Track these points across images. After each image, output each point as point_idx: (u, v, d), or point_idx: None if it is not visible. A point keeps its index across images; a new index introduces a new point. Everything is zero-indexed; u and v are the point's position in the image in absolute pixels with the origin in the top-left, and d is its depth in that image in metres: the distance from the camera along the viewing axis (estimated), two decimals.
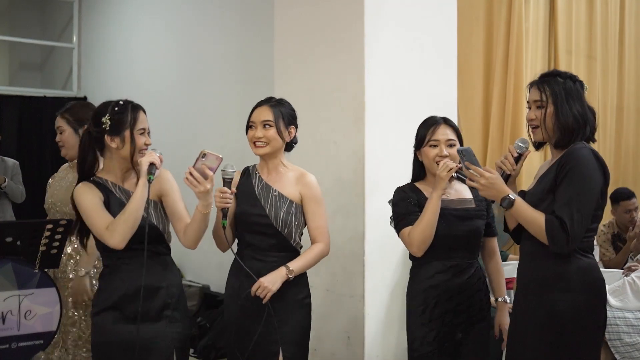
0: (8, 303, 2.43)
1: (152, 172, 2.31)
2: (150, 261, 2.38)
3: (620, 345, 3.29)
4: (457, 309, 2.58)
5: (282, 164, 2.67)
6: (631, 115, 5.65)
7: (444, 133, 2.62)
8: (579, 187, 2.20)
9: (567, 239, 2.18)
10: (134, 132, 2.42)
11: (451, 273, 2.59)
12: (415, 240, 2.55)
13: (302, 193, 2.63)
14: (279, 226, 2.56)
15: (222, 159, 2.30)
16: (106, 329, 2.39)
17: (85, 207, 2.38)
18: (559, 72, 2.41)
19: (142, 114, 2.48)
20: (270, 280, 2.49)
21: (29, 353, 2.47)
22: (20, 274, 2.47)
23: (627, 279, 3.49)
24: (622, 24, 5.58)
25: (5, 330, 2.42)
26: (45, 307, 2.49)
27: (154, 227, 2.42)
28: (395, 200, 2.69)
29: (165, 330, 2.42)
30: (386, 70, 3.51)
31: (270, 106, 2.64)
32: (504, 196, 2.27)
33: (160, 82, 6.03)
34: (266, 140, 2.59)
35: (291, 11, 3.85)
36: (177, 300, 2.47)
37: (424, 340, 2.57)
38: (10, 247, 2.47)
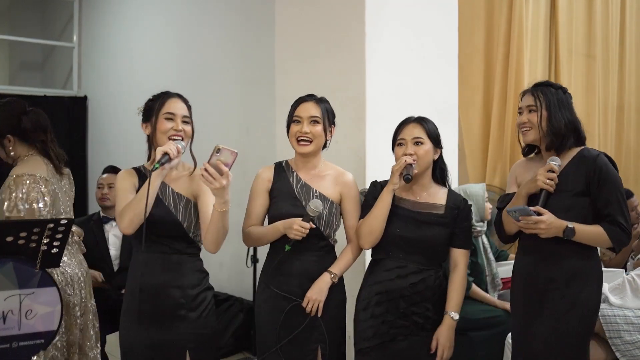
0: (9, 302, 2.42)
1: (161, 160, 2.28)
2: (166, 257, 2.41)
3: (620, 344, 3.29)
4: (398, 313, 2.55)
5: (320, 163, 2.67)
6: (632, 114, 5.65)
7: (410, 132, 2.60)
8: (619, 190, 2.44)
9: (628, 237, 2.44)
10: (159, 116, 2.42)
11: (396, 274, 2.57)
12: (361, 232, 2.57)
13: (342, 193, 2.65)
14: (322, 226, 2.58)
15: (237, 153, 2.24)
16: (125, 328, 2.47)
17: (117, 190, 2.46)
18: (551, 83, 2.59)
19: (175, 100, 2.49)
20: (317, 292, 2.54)
21: (29, 352, 2.47)
22: (21, 274, 2.46)
23: (627, 277, 3.49)
24: (622, 23, 5.58)
25: (5, 329, 2.42)
26: (46, 306, 2.48)
27: (178, 224, 2.42)
28: (366, 192, 2.70)
29: (177, 331, 2.42)
30: (387, 69, 3.51)
31: (316, 102, 2.64)
32: (564, 229, 2.37)
33: (161, 82, 5.97)
34: (312, 137, 2.58)
35: (292, 11, 3.85)
36: (194, 301, 2.46)
37: (363, 335, 2.58)
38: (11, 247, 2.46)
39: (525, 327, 2.51)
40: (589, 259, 2.47)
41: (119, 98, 6.55)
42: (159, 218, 2.39)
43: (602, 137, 5.37)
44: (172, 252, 2.43)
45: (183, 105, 2.50)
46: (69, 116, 7.21)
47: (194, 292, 2.47)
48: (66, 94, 7.34)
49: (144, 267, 2.40)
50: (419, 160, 2.56)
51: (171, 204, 2.44)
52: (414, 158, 2.55)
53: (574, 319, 2.43)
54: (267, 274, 2.64)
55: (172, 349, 2.42)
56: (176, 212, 2.42)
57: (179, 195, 2.45)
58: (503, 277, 3.79)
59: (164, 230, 2.41)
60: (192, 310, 2.45)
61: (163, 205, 2.42)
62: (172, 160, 2.31)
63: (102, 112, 6.92)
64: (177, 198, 2.45)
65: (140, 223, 2.30)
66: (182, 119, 2.47)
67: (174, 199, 2.45)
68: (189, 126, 2.50)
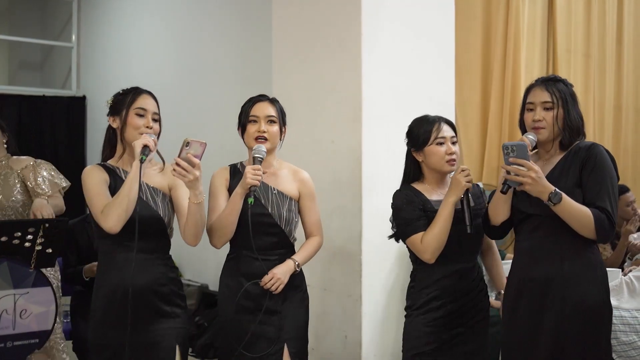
0: (3, 302, 2.43)
1: (145, 153, 2.28)
2: (148, 255, 2.39)
3: (616, 344, 3.29)
4: (461, 310, 2.57)
5: (274, 162, 2.66)
6: (629, 114, 5.64)
7: (448, 130, 2.60)
8: (610, 180, 2.32)
9: (612, 228, 2.28)
10: (129, 111, 2.42)
11: (457, 277, 2.57)
12: (430, 247, 2.50)
13: (300, 190, 2.65)
14: (282, 224, 2.57)
15: (205, 144, 2.28)
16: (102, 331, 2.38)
17: (88, 188, 2.39)
18: (560, 78, 2.49)
19: (146, 96, 2.48)
20: (282, 272, 2.52)
21: (24, 352, 2.48)
22: (15, 273, 2.47)
23: (624, 278, 3.49)
24: (620, 22, 5.58)
25: (0, 329, 2.43)
26: (40, 306, 2.49)
27: (159, 220, 2.41)
28: (398, 205, 2.61)
29: (164, 327, 2.42)
30: (384, 69, 3.51)
31: (270, 102, 2.64)
32: (551, 191, 2.24)
33: (159, 82, 6.01)
34: (269, 136, 2.57)
35: (289, 11, 3.84)
36: (176, 296, 2.47)
37: (424, 340, 2.56)
38: (5, 246, 2.47)
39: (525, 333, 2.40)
40: (590, 258, 2.34)
41: None
42: (141, 215, 2.34)
43: (598, 136, 5.35)
44: (153, 250, 2.42)
45: (153, 102, 2.49)
46: (68, 116, 7.22)
47: (175, 287, 2.48)
48: (65, 93, 7.34)
49: (124, 267, 2.35)
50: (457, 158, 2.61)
51: (150, 199, 2.42)
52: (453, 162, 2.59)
53: (579, 321, 2.30)
54: (226, 275, 2.62)
55: (161, 346, 2.40)
56: (156, 207, 2.41)
57: (155, 190, 2.45)
58: None
59: (146, 227, 2.37)
60: (177, 306, 2.46)
61: (142, 201, 2.38)
62: (151, 152, 2.34)
63: (101, 112, 6.87)
64: (154, 192, 2.44)
65: (127, 220, 2.28)
66: (152, 116, 2.45)
67: (151, 194, 2.43)
68: (158, 124, 2.48)
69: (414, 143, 2.63)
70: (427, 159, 2.60)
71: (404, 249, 3.50)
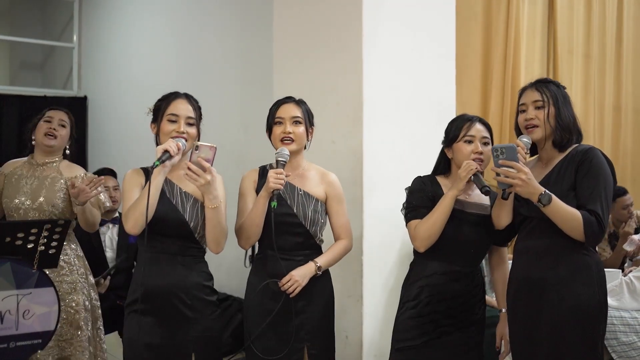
0: (6, 302, 2.43)
1: (162, 158, 2.29)
2: (173, 258, 2.41)
3: (616, 345, 3.30)
4: (447, 312, 2.57)
5: (303, 163, 2.68)
6: (629, 115, 5.65)
7: (479, 130, 2.59)
8: (603, 182, 2.32)
9: (602, 232, 2.29)
10: (163, 118, 2.44)
11: (450, 278, 2.57)
12: (419, 235, 2.54)
13: (327, 192, 2.67)
14: (307, 224, 2.58)
15: (216, 148, 2.29)
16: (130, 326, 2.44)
17: (123, 191, 2.45)
18: (552, 80, 2.53)
19: (180, 101, 2.50)
20: (300, 274, 2.53)
21: (27, 352, 2.48)
22: (18, 274, 2.47)
23: (624, 279, 3.50)
24: (620, 23, 5.59)
25: (3, 329, 2.43)
26: (43, 306, 2.49)
27: (184, 224, 2.42)
28: (411, 189, 2.67)
29: (184, 333, 2.42)
30: (385, 69, 3.51)
31: (296, 104, 2.66)
32: (541, 193, 2.26)
33: (160, 82, 6.03)
34: (295, 137, 2.58)
35: (290, 11, 3.85)
36: (199, 302, 2.46)
37: (408, 334, 2.58)
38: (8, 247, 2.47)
39: (525, 332, 2.44)
40: (586, 258, 2.36)
41: (118, 98, 6.56)
42: (166, 216, 2.39)
43: (598, 137, 5.37)
44: (178, 253, 2.43)
45: (188, 106, 2.51)
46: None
47: (200, 293, 2.47)
48: (66, 94, 7.35)
49: (149, 266, 2.40)
50: (485, 160, 2.57)
51: (179, 203, 2.44)
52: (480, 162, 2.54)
53: (575, 323, 2.32)
54: (253, 275, 2.65)
55: (178, 351, 2.42)
56: (183, 211, 2.42)
57: (187, 195, 2.46)
58: None
59: (171, 230, 2.40)
60: (199, 312, 2.45)
61: (170, 204, 2.42)
62: (172, 157, 2.32)
63: (102, 112, 6.93)
64: (185, 197, 2.45)
65: (144, 223, 2.30)
66: (186, 121, 2.47)
67: (181, 198, 2.45)
68: (194, 128, 2.50)
69: (445, 139, 2.66)
70: (454, 155, 2.62)
71: (405, 249, 3.52)
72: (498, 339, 2.70)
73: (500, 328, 2.69)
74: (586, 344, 2.33)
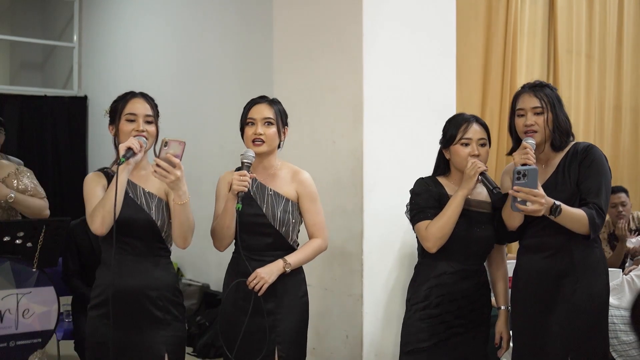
0: (6, 302, 2.44)
1: (126, 155, 2.26)
2: (141, 259, 2.38)
3: (617, 344, 3.29)
4: (458, 312, 2.57)
5: (275, 163, 2.65)
6: (628, 114, 5.65)
7: (475, 131, 2.58)
8: (604, 178, 2.45)
9: (602, 221, 2.42)
10: (121, 118, 2.43)
11: (458, 277, 2.57)
12: (432, 236, 2.53)
13: (298, 191, 2.62)
14: (277, 225, 2.55)
15: (185, 143, 2.25)
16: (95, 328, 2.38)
17: (85, 194, 2.41)
18: (546, 83, 2.59)
19: (136, 100, 2.46)
20: (267, 272, 2.49)
21: (27, 351, 2.48)
22: (18, 273, 2.48)
23: (626, 278, 3.49)
24: (620, 23, 5.58)
25: (3, 328, 2.44)
26: (43, 305, 2.50)
27: (152, 223, 2.40)
28: (416, 190, 2.65)
29: (155, 334, 2.40)
30: (385, 69, 3.51)
31: (269, 104, 2.62)
32: (551, 205, 2.33)
33: (160, 81, 6.04)
34: (266, 139, 2.56)
35: (290, 11, 3.85)
36: (169, 302, 2.44)
37: (418, 336, 2.56)
38: (8, 246, 2.48)
39: (534, 326, 2.49)
40: (594, 250, 2.49)
41: None
42: (132, 218, 2.36)
43: (598, 137, 5.36)
44: (146, 254, 2.41)
45: (145, 104, 2.46)
46: (69, 116, 7.23)
47: (169, 294, 2.45)
48: (66, 93, 7.36)
49: (117, 268, 2.35)
50: (483, 161, 2.58)
51: (144, 203, 2.41)
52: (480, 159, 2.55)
53: (590, 312, 2.44)
54: (227, 276, 2.64)
55: (150, 353, 2.39)
56: (149, 210, 2.40)
57: (151, 194, 2.44)
58: None
59: (138, 230, 2.38)
60: (169, 313, 2.43)
61: (135, 204, 2.39)
62: (136, 154, 2.30)
63: (103, 112, 6.92)
64: (149, 197, 2.43)
65: (112, 221, 2.27)
66: (144, 119, 2.43)
67: (145, 198, 2.43)
68: (153, 126, 2.45)
69: (442, 140, 2.66)
70: (452, 157, 2.62)
71: (405, 249, 3.52)
72: (497, 336, 2.70)
73: (499, 325, 2.70)
74: (596, 336, 2.46)
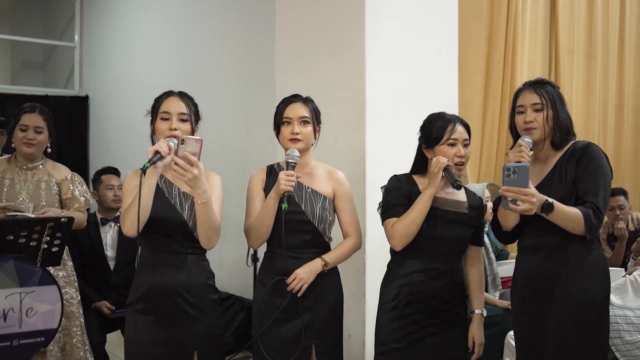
0: (10, 300, 2.44)
1: (153, 159, 2.27)
2: (174, 257, 2.41)
3: (620, 344, 3.30)
4: (429, 312, 2.53)
5: (311, 162, 2.67)
6: (630, 114, 5.65)
7: (461, 132, 2.57)
8: (602, 177, 2.38)
9: (600, 222, 2.34)
10: (157, 117, 2.45)
11: (428, 275, 2.54)
12: (397, 234, 2.52)
13: (335, 189, 2.65)
14: (316, 222, 2.57)
15: (201, 140, 2.26)
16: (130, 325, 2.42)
17: (123, 192, 2.45)
18: (547, 81, 2.55)
19: (172, 98, 2.49)
20: (306, 272, 2.51)
21: (30, 350, 2.48)
22: (21, 272, 2.48)
23: (629, 277, 3.50)
24: (622, 23, 5.59)
25: (6, 327, 2.43)
26: (46, 304, 2.50)
27: (183, 223, 2.41)
28: (388, 187, 2.65)
29: (186, 331, 2.42)
30: (387, 69, 3.52)
31: (304, 103, 2.64)
32: (544, 203, 2.26)
33: (162, 81, 6.02)
34: (303, 137, 2.57)
35: (292, 10, 3.85)
36: (201, 300, 2.45)
37: (391, 337, 2.53)
38: (11, 245, 2.48)
39: (532, 328, 2.45)
40: (592, 252, 2.41)
41: (120, 97, 6.57)
42: (165, 217, 2.38)
43: (602, 136, 5.37)
44: (179, 252, 2.43)
45: (180, 103, 2.49)
46: (71, 116, 7.22)
47: (202, 292, 2.46)
48: (68, 93, 7.35)
49: (151, 265, 2.40)
50: (466, 161, 2.57)
51: (177, 203, 2.43)
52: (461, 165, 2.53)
53: (583, 317, 2.37)
54: (263, 274, 2.64)
55: (181, 349, 2.41)
56: (182, 210, 2.42)
57: (185, 195, 2.45)
58: (503, 276, 3.79)
59: (171, 229, 2.40)
60: (201, 311, 2.45)
61: (169, 204, 2.42)
62: (164, 158, 2.30)
63: (104, 112, 6.94)
64: (183, 197, 2.44)
65: (143, 224, 2.30)
66: (178, 117, 2.45)
67: (180, 198, 2.44)
68: (187, 124, 2.47)
69: (425, 139, 2.62)
70: (436, 157, 2.57)
71: None
72: (470, 340, 2.63)
73: (471, 329, 2.62)
74: (594, 337, 2.38)
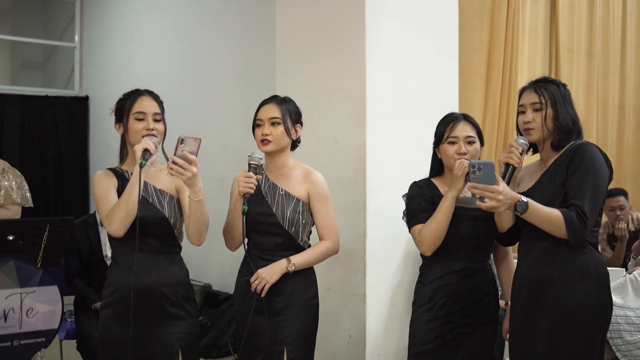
0: (10, 301, 2.44)
1: (145, 157, 2.27)
2: (154, 256, 2.39)
3: (621, 344, 3.29)
4: (463, 311, 2.55)
5: (288, 163, 2.65)
6: (631, 114, 5.65)
7: (463, 129, 2.55)
8: (592, 178, 2.26)
9: (585, 228, 2.22)
10: (129, 116, 2.42)
11: (461, 275, 2.55)
12: (425, 240, 2.51)
13: (309, 191, 2.60)
14: (286, 225, 2.54)
15: (200, 139, 2.26)
16: (108, 327, 2.39)
17: (96, 193, 2.41)
18: (552, 79, 2.48)
19: (145, 98, 2.47)
20: (268, 272, 2.48)
21: (30, 350, 2.48)
22: (22, 272, 2.48)
23: (629, 277, 3.50)
24: (623, 22, 5.59)
25: (7, 327, 2.44)
26: (47, 305, 2.50)
27: (165, 220, 2.41)
28: (409, 195, 2.65)
29: (169, 330, 2.41)
30: (387, 68, 3.52)
31: (277, 104, 2.62)
32: (517, 202, 2.21)
33: (162, 81, 6.04)
34: (273, 138, 2.56)
35: (293, 10, 3.85)
36: (182, 298, 2.45)
37: (426, 338, 2.55)
38: (12, 245, 2.48)
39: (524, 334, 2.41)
40: (582, 257, 2.30)
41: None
42: (145, 216, 2.35)
43: (602, 136, 5.37)
44: (159, 251, 2.42)
45: (154, 102, 2.48)
46: (71, 116, 7.23)
47: (183, 290, 2.46)
48: (68, 93, 7.35)
49: (129, 266, 2.35)
50: (471, 159, 2.53)
51: (155, 201, 2.42)
52: (467, 157, 2.52)
53: (571, 323, 2.29)
54: (239, 274, 2.64)
55: (165, 349, 2.40)
56: (162, 208, 2.42)
57: (162, 192, 2.45)
58: None
59: (151, 228, 2.39)
60: (183, 309, 2.45)
61: (148, 203, 2.40)
62: (152, 155, 2.31)
63: (104, 112, 6.92)
64: (161, 194, 2.44)
65: (131, 223, 2.29)
66: (153, 117, 2.44)
67: (157, 196, 2.44)
68: (161, 124, 2.47)
69: (434, 140, 2.64)
70: (442, 156, 2.61)
71: (408, 248, 3.52)
72: (504, 332, 2.67)
73: (505, 322, 2.66)
74: (583, 344, 2.30)
